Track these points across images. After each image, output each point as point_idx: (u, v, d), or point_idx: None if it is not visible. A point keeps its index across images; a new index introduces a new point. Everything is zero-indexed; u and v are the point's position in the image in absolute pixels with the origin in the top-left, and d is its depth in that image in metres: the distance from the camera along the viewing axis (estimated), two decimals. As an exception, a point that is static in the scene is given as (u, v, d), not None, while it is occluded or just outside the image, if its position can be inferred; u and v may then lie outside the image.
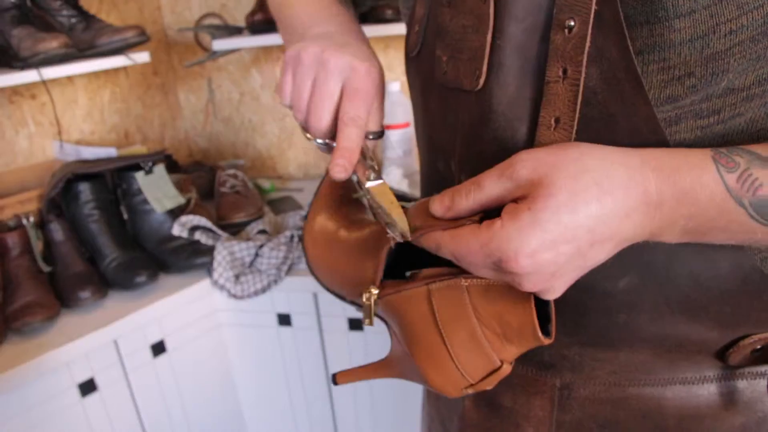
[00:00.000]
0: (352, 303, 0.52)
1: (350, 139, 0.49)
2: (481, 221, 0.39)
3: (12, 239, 1.20)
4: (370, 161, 0.50)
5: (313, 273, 0.55)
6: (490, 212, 0.39)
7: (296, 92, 0.52)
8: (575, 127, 0.40)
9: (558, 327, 0.48)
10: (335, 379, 0.53)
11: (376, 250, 0.48)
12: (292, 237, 1.32)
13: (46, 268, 1.23)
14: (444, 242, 0.41)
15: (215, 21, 1.76)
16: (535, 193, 0.36)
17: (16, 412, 1.05)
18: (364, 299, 0.48)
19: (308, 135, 0.53)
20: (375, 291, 0.47)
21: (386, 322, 0.49)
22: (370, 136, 0.53)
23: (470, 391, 0.46)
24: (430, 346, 0.45)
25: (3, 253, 1.21)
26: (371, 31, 1.41)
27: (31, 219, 1.28)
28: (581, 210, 0.35)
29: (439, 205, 0.42)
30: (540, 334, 0.41)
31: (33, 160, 1.45)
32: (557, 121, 0.41)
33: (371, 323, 0.48)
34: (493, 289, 0.41)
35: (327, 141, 0.52)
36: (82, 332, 1.11)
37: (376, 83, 0.52)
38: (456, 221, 0.40)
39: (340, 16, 0.60)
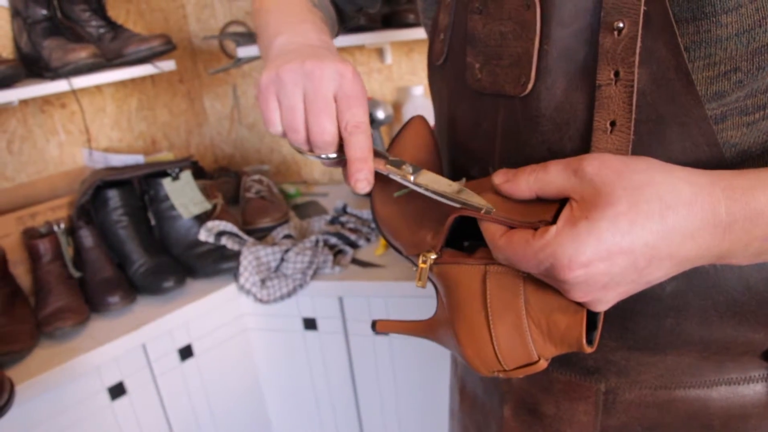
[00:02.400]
0: (407, 258, 0.52)
1: (361, 148, 0.47)
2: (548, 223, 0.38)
3: (44, 245, 1.23)
4: (392, 157, 0.49)
5: (375, 221, 0.54)
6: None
7: (288, 113, 0.49)
8: (632, 129, 0.39)
9: (603, 331, 0.47)
10: (375, 326, 0.52)
11: (438, 216, 0.48)
12: (317, 241, 1.32)
13: (76, 274, 1.26)
14: (499, 246, 0.40)
15: (239, 28, 1.78)
16: (594, 200, 0.36)
17: (49, 415, 1.07)
18: (420, 261, 0.47)
19: (311, 154, 0.51)
20: (432, 256, 0.47)
21: (436, 287, 0.49)
22: None
23: (501, 375, 0.46)
24: (473, 324, 0.45)
25: (35, 259, 1.24)
26: (394, 35, 1.40)
27: (62, 225, 1.30)
28: (641, 223, 0.35)
29: (502, 176, 0.42)
30: (585, 341, 0.41)
31: (63, 167, 1.48)
32: (613, 124, 0.40)
33: (423, 286, 0.48)
34: (550, 286, 0.41)
35: (333, 155, 0.50)
36: (112, 337, 1.12)
37: (363, 85, 0.50)
38: (526, 208, 0.40)
39: (308, 24, 0.58)
